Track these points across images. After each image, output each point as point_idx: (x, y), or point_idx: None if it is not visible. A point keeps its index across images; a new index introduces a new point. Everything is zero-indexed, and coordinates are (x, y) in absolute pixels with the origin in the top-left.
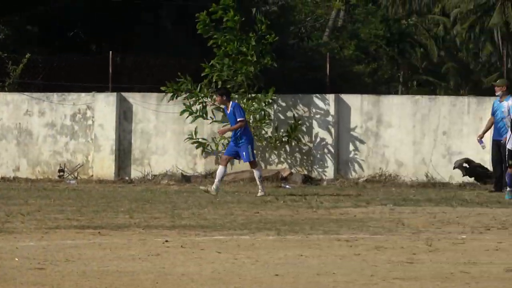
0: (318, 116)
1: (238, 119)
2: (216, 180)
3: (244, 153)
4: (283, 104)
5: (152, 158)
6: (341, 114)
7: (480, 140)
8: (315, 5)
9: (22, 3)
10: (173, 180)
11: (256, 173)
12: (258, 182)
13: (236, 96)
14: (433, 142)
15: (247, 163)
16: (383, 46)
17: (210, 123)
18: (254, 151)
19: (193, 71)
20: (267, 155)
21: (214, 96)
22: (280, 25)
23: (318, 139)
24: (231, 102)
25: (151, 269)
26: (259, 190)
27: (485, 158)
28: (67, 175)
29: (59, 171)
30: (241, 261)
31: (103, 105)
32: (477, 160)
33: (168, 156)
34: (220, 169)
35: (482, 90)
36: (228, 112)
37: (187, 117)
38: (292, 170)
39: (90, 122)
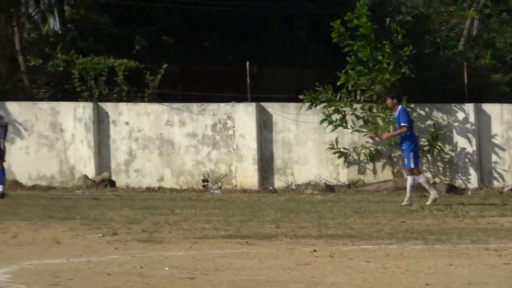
0: (456, 124)
1: (401, 124)
2: (428, 189)
3: (405, 159)
4: (422, 112)
5: (295, 167)
6: (481, 124)
7: None
8: (449, 14)
9: (160, 15)
10: (317, 190)
11: (409, 181)
12: (408, 190)
13: (375, 105)
14: None
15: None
16: None
17: (351, 132)
18: (416, 159)
19: (328, 80)
20: None
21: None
22: (415, 34)
23: (459, 148)
24: (399, 106)
25: (301, 279)
26: (406, 199)
27: None
28: (211, 185)
29: (203, 181)
30: (391, 271)
31: (243, 115)
32: None
33: (310, 165)
34: (420, 179)
35: None
36: (396, 115)
37: (327, 126)
38: (436, 179)
39: (231, 132)
